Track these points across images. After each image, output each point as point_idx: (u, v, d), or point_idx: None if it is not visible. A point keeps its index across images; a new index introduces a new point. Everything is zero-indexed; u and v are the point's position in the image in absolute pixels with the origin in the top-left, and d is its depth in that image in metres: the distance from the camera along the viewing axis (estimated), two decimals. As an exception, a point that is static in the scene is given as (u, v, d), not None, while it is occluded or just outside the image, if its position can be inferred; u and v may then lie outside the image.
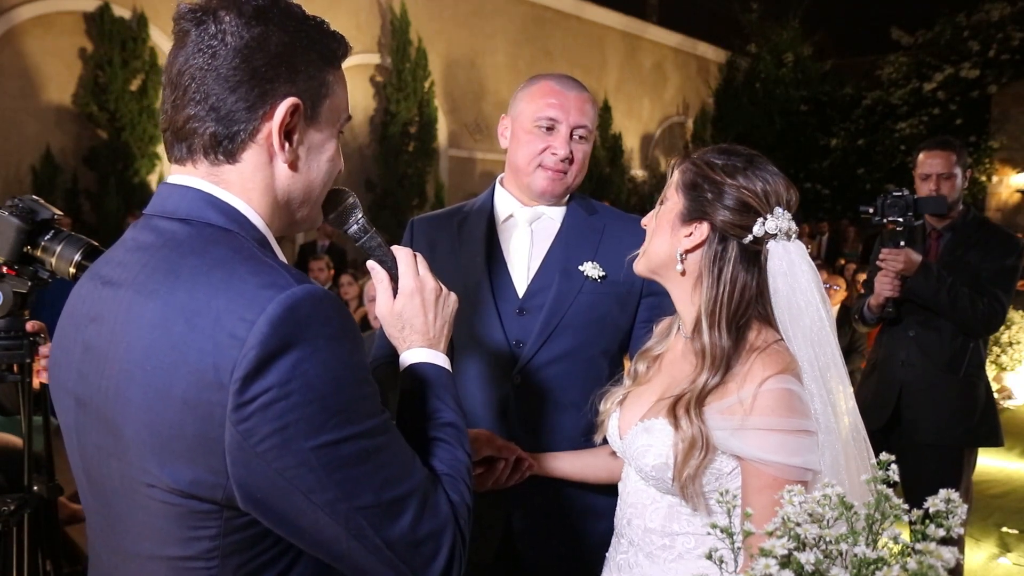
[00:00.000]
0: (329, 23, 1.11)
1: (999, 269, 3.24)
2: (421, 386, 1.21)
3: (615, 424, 1.59)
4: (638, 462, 1.49)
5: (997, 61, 14.69)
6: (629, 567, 1.54)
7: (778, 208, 1.44)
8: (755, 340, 1.42)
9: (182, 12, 1.04)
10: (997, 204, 14.99)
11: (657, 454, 1.44)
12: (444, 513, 1.04)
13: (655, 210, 1.55)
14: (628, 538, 1.55)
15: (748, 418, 1.36)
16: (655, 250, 1.51)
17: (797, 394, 1.37)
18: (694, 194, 1.46)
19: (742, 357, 1.41)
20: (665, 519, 1.48)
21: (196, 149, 1.05)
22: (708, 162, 1.47)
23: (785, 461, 1.33)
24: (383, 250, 1.29)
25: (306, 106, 1.06)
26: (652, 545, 1.49)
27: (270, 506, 0.95)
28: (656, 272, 1.53)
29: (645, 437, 1.47)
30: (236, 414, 0.91)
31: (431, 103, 12.41)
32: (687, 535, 1.46)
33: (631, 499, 1.55)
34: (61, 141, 9.15)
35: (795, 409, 1.36)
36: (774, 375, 1.37)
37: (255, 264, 0.98)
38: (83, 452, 1.07)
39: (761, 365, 1.38)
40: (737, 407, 1.38)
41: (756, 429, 1.35)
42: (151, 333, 0.96)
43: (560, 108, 1.85)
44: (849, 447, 1.40)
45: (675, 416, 1.41)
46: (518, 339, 1.86)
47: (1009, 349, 7.75)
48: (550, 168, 1.86)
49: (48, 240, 1.84)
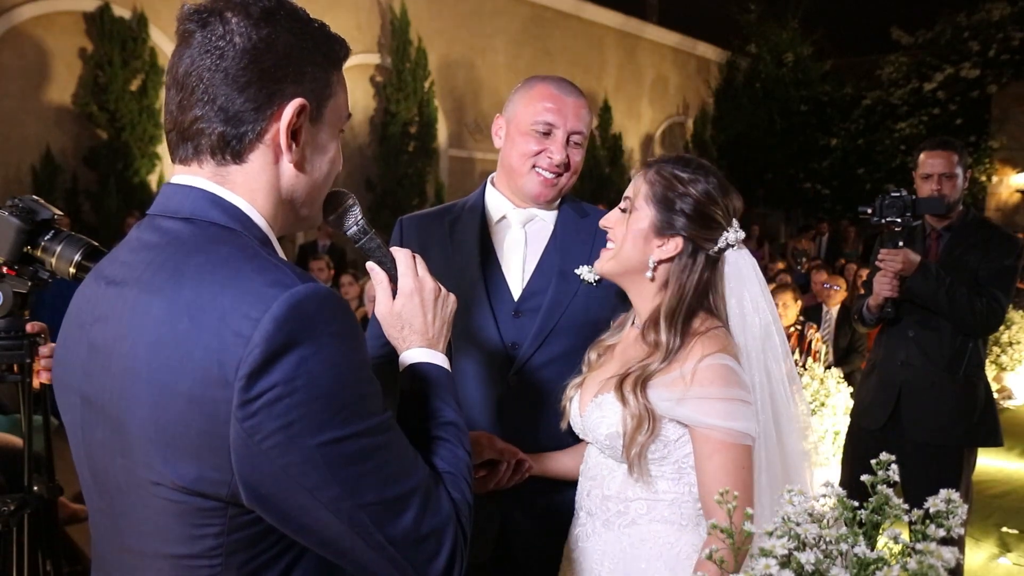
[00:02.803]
0: (329, 26, 1.12)
1: (998, 269, 3.24)
2: (422, 386, 1.21)
3: (576, 406, 1.69)
4: (594, 434, 1.62)
5: (997, 61, 14.70)
6: (586, 536, 1.65)
7: (735, 220, 1.62)
8: (699, 327, 1.57)
9: (186, 13, 1.04)
10: (997, 204, 15.00)
11: (609, 424, 1.57)
12: (446, 511, 1.05)
13: (619, 216, 1.65)
14: (587, 509, 1.66)
15: (690, 388, 1.50)
16: (627, 257, 1.62)
17: (733, 369, 1.52)
18: (666, 208, 1.58)
19: (686, 341, 1.55)
20: (621, 486, 1.61)
21: (203, 149, 1.05)
22: (675, 175, 1.59)
23: (727, 425, 1.48)
24: (382, 251, 1.30)
25: (312, 107, 1.07)
26: (608, 512, 1.61)
27: (274, 503, 0.96)
28: (623, 276, 1.65)
29: (598, 411, 1.59)
30: (241, 411, 0.92)
31: (431, 103, 12.40)
32: (640, 500, 1.58)
33: (591, 472, 1.67)
34: (61, 141, 9.15)
35: (732, 381, 1.51)
36: (712, 353, 1.52)
37: (260, 262, 0.99)
38: (88, 450, 1.08)
39: (701, 346, 1.53)
40: (679, 381, 1.52)
41: (698, 399, 1.50)
42: (156, 331, 0.96)
43: (558, 113, 1.84)
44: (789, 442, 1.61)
45: (622, 392, 1.55)
46: (514, 341, 1.86)
47: (1009, 349, 7.76)
48: (545, 172, 1.86)
49: (48, 240, 1.84)
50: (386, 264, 1.30)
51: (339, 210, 1.27)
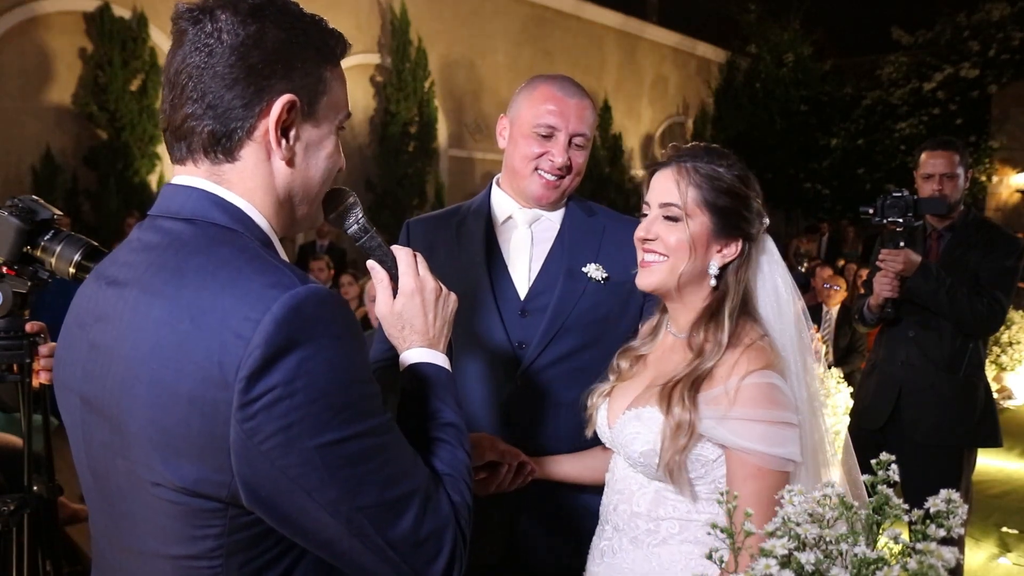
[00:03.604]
0: (327, 21, 1.11)
1: (999, 270, 3.24)
2: (422, 386, 1.21)
3: (604, 416, 1.64)
4: (626, 449, 1.55)
5: (997, 61, 14.69)
6: (612, 552, 1.59)
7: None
8: (743, 336, 1.50)
9: (180, 12, 1.04)
10: (997, 204, 14.99)
11: (645, 441, 1.50)
12: (445, 513, 1.04)
13: (668, 225, 1.54)
14: (613, 524, 1.61)
15: (732, 408, 1.43)
16: (688, 268, 1.52)
17: (779, 388, 1.45)
18: (722, 212, 1.52)
19: (731, 350, 1.48)
20: (652, 504, 1.54)
21: (196, 148, 1.05)
22: (716, 172, 1.53)
23: (767, 450, 1.40)
24: (383, 250, 1.29)
25: (303, 103, 1.06)
26: (637, 530, 1.55)
27: (274, 504, 0.96)
28: (678, 286, 1.55)
29: (634, 425, 1.53)
30: (241, 412, 0.92)
31: (431, 103, 12.40)
32: (672, 520, 1.52)
33: (618, 486, 1.61)
34: (61, 141, 9.15)
35: (777, 402, 1.43)
36: (757, 370, 1.44)
37: (261, 264, 0.99)
38: (89, 450, 1.08)
39: (746, 360, 1.46)
40: (722, 397, 1.44)
41: (739, 419, 1.42)
42: (157, 332, 0.96)
43: (560, 115, 1.83)
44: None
45: (668, 400, 1.47)
46: (521, 341, 1.85)
47: (1009, 349, 7.76)
48: (546, 174, 1.85)
49: (48, 240, 1.84)
50: (387, 263, 1.29)
51: (339, 208, 1.26)
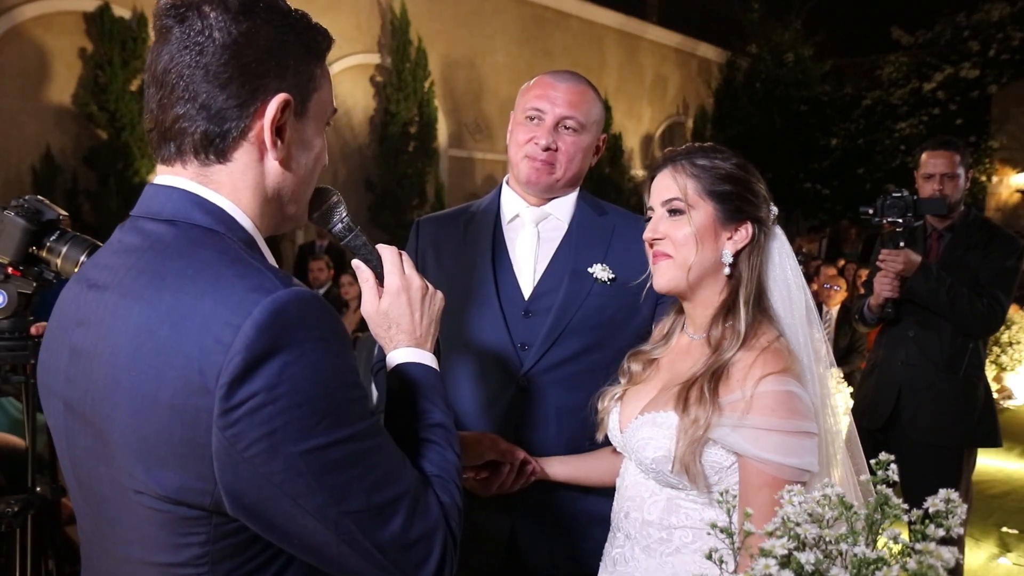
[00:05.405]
0: (311, 16, 1.09)
1: (999, 270, 3.24)
2: (409, 386, 1.19)
3: (615, 420, 1.61)
4: (638, 455, 1.51)
5: (997, 61, 14.67)
6: (624, 560, 1.55)
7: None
8: (760, 336, 1.47)
9: (163, 8, 1.01)
10: (997, 204, 14.99)
11: (657, 447, 1.46)
12: (435, 515, 1.03)
13: (673, 220, 1.52)
14: (624, 531, 1.57)
15: (747, 416, 1.39)
16: (700, 259, 1.50)
17: (797, 395, 1.40)
18: (723, 197, 1.50)
19: (747, 350, 1.45)
20: (663, 512, 1.50)
21: (186, 149, 1.03)
22: (713, 163, 1.52)
23: (782, 461, 1.36)
24: (368, 248, 1.28)
25: (296, 101, 1.05)
26: (649, 538, 1.51)
27: (259, 511, 0.94)
28: (694, 281, 1.52)
29: (647, 430, 1.49)
30: (223, 419, 0.90)
31: (431, 103, 12.38)
32: (685, 528, 1.48)
33: (629, 492, 1.57)
34: (61, 141, 9.14)
35: (795, 410, 1.39)
36: (774, 374, 1.40)
37: (241, 267, 0.97)
38: (72, 456, 1.06)
39: (762, 363, 1.42)
40: (740, 403, 1.40)
41: (755, 428, 1.38)
42: (137, 338, 0.94)
43: (546, 99, 1.84)
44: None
45: (685, 400, 1.43)
46: (523, 342, 1.83)
47: (1009, 349, 7.76)
48: (532, 158, 1.84)
49: (53, 241, 1.84)
50: (372, 262, 1.27)
51: (323, 207, 1.25)
